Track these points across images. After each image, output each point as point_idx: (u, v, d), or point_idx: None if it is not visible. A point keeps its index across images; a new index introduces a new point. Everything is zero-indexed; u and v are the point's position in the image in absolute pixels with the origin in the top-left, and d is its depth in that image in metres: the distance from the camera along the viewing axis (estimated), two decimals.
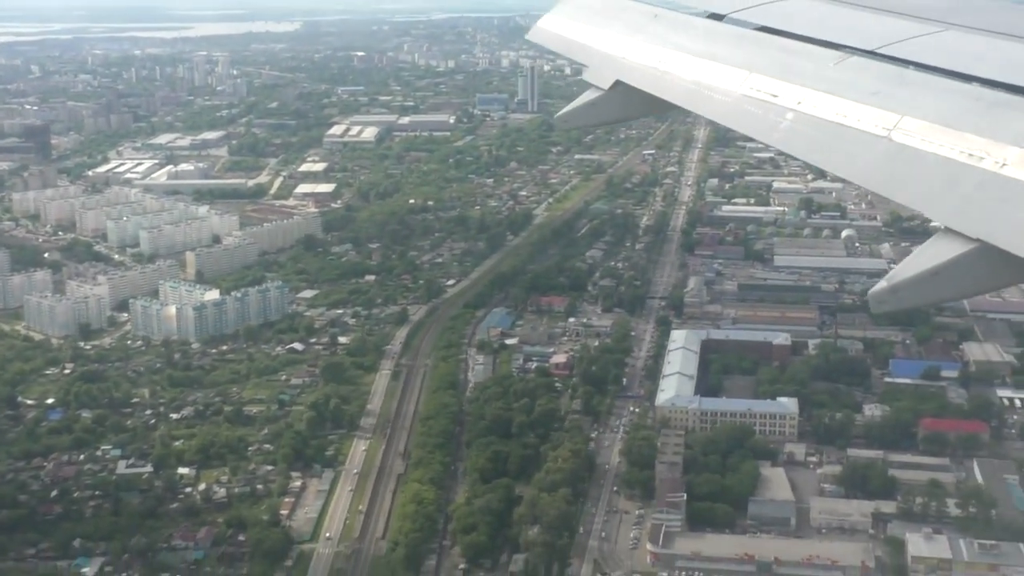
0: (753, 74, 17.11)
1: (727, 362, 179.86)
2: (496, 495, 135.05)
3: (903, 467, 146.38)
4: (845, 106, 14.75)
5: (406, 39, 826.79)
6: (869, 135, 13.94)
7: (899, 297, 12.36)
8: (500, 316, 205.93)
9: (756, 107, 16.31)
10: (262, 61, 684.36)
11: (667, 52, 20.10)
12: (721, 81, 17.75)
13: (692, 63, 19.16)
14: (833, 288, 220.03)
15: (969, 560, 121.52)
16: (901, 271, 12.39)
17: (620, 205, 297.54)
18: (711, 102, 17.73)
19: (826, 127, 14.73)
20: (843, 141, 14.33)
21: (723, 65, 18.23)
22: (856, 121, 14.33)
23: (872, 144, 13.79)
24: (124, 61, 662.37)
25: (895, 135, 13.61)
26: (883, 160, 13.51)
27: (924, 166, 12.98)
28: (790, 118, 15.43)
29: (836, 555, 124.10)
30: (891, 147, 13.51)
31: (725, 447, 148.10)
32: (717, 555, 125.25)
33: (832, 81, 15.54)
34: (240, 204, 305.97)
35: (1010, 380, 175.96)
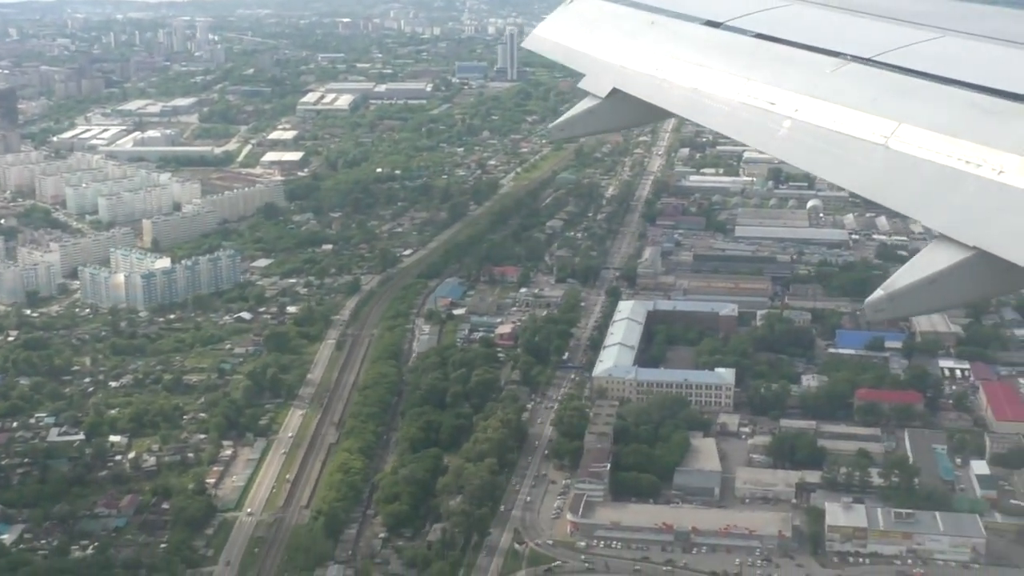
0: (750, 82, 17.08)
1: (672, 333, 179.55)
2: (422, 465, 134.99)
3: (834, 437, 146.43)
4: (842, 114, 14.73)
5: (394, 5, 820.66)
6: (866, 143, 13.88)
7: (896, 305, 12.35)
8: (451, 286, 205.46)
9: (753, 115, 16.28)
10: (245, 27, 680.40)
11: (664, 60, 20.03)
12: (718, 89, 17.77)
13: (689, 71, 19.13)
14: (789, 259, 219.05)
15: (884, 529, 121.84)
16: (898, 279, 12.36)
17: (587, 175, 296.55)
18: (708, 110, 17.78)
19: (823, 135, 14.70)
20: (840, 149, 14.29)
21: (720, 73, 18.26)
22: (853, 129, 14.30)
23: (869, 152, 13.74)
24: (104, 26, 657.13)
25: (892, 143, 13.55)
26: (880, 168, 13.48)
27: (921, 174, 12.93)
28: (787, 126, 15.40)
29: (754, 525, 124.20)
30: (888, 155, 13.46)
31: (658, 417, 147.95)
32: (636, 525, 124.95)
33: (829, 89, 15.52)
34: (206, 172, 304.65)
35: (954, 351, 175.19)
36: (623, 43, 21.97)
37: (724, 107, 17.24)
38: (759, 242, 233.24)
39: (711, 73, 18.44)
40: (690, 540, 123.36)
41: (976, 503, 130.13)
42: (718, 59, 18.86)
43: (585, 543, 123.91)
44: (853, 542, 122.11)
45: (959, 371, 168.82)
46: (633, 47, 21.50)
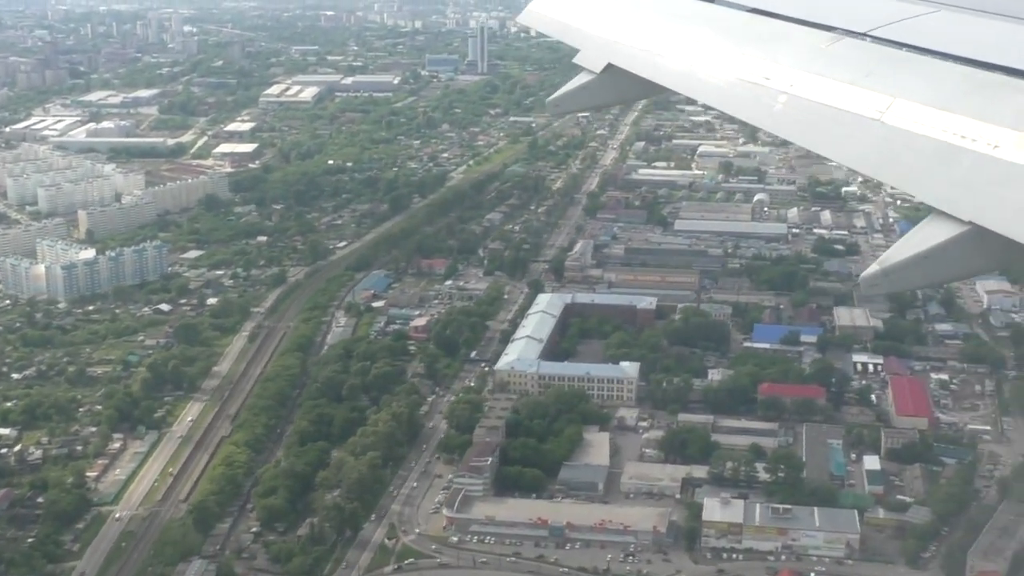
0: (745, 57, 16.89)
1: (587, 326, 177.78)
2: (304, 458, 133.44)
3: (730, 432, 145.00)
4: (837, 88, 14.49)
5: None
6: (861, 118, 13.66)
7: (891, 280, 12.26)
8: (377, 278, 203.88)
9: (748, 90, 16.04)
10: (227, 19, 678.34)
11: (659, 35, 19.85)
12: (713, 64, 17.51)
13: (684, 46, 18.93)
14: (722, 253, 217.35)
15: (760, 525, 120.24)
16: (892, 254, 12.23)
17: (538, 168, 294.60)
18: (703, 85, 17.54)
19: (818, 110, 14.48)
20: (835, 124, 14.12)
21: (715, 48, 18.05)
22: (848, 104, 14.06)
23: (864, 127, 13.53)
24: (84, 17, 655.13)
25: (887, 117, 13.34)
26: (875, 143, 13.29)
27: (916, 148, 12.75)
28: (782, 101, 15.15)
29: (630, 520, 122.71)
30: (883, 130, 13.26)
31: (554, 411, 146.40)
32: (512, 520, 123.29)
33: (824, 63, 15.29)
34: (156, 163, 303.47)
35: (870, 345, 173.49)
36: (618, 18, 21.81)
37: (718, 82, 16.99)
38: (697, 236, 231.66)
39: (705, 48, 18.28)
40: (565, 535, 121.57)
41: (861, 498, 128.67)
42: (712, 34, 18.67)
43: (458, 538, 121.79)
44: (728, 538, 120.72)
45: (872, 365, 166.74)
46: (628, 22, 21.33)
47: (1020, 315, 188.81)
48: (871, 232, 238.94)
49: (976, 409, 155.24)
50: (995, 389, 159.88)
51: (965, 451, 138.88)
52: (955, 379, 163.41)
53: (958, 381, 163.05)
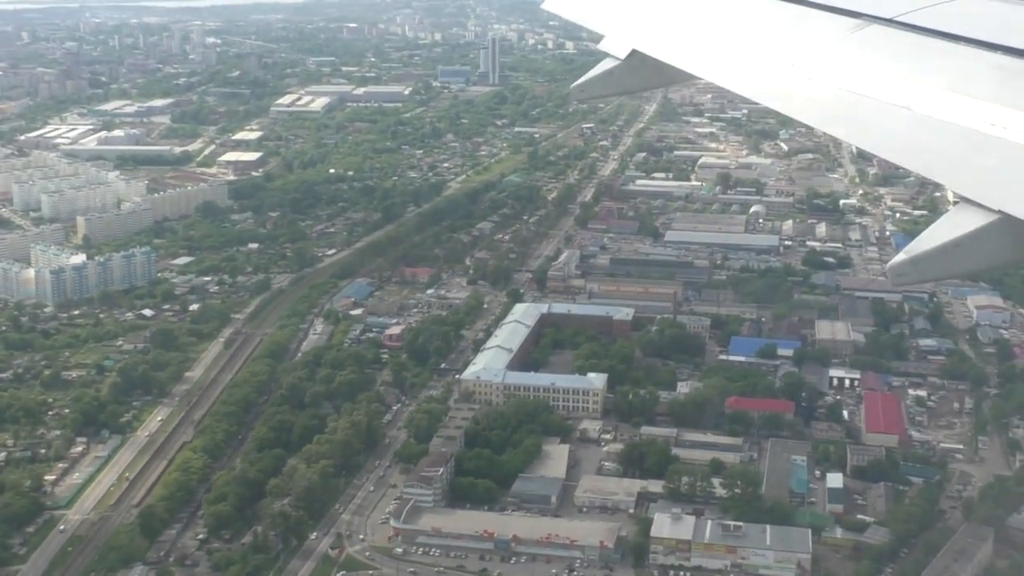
0: (770, 43, 16.84)
1: (562, 337, 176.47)
2: (258, 465, 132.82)
3: (693, 446, 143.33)
4: (864, 75, 14.36)
5: (405, 11, 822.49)
6: (888, 105, 13.50)
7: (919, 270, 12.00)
8: (359, 287, 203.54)
9: (773, 77, 15.89)
10: (251, 31, 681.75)
11: (684, 21, 19.97)
12: (738, 50, 17.47)
13: (709, 32, 18.88)
14: (708, 264, 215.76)
15: (709, 542, 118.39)
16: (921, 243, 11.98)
17: (536, 178, 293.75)
18: (728, 72, 17.32)
19: (844, 97, 14.29)
20: (861, 111, 13.95)
21: (741, 34, 17.97)
22: (875, 90, 13.90)
23: (891, 114, 13.37)
24: (115, 29, 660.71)
25: (915, 105, 13.18)
26: (903, 130, 13.16)
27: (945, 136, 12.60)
28: (807, 88, 15.00)
29: (577, 535, 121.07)
30: (911, 117, 13.10)
31: (515, 422, 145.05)
32: (459, 532, 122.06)
33: (851, 49, 15.21)
34: (162, 170, 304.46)
35: (849, 360, 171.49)
36: (643, 4, 21.99)
37: (743, 69, 16.83)
38: (687, 247, 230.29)
39: (731, 34, 18.19)
40: (511, 549, 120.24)
41: (818, 517, 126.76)
42: (738, 20, 18.57)
43: (403, 550, 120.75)
44: (677, 554, 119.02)
45: (848, 381, 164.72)
46: (653, 7, 21.47)
47: (1009, 331, 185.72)
48: (866, 245, 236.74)
49: (952, 427, 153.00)
50: (974, 407, 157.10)
51: (932, 470, 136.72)
52: (933, 396, 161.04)
53: (936, 398, 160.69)
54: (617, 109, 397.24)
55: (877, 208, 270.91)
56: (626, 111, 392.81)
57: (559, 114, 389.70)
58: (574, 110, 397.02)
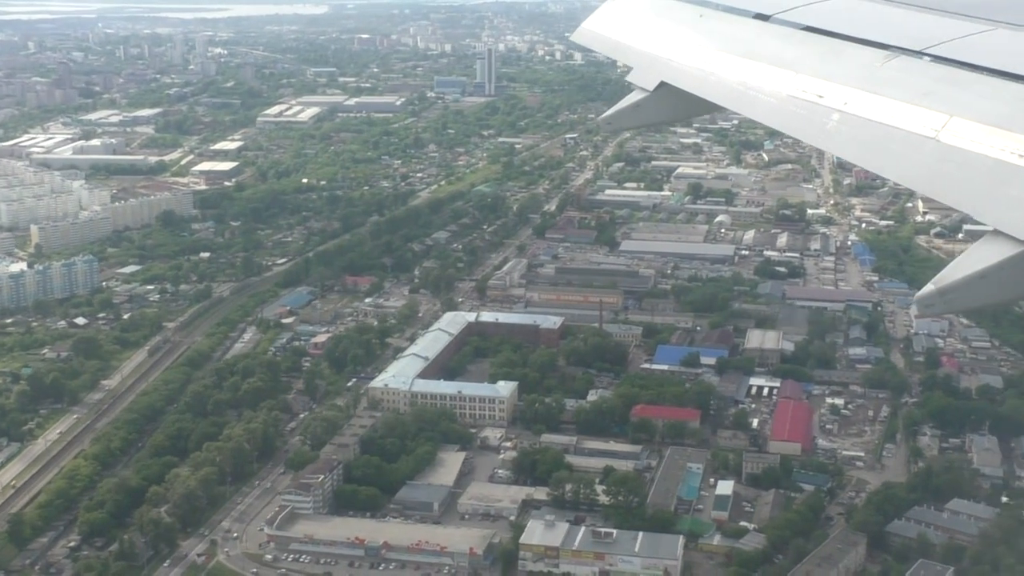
0: (799, 75, 16.97)
1: (486, 345, 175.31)
2: (143, 472, 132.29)
3: (591, 454, 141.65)
4: (892, 107, 14.53)
5: (422, 22, 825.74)
6: (917, 136, 13.68)
7: (947, 300, 12.11)
8: (299, 295, 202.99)
9: (802, 108, 16.13)
10: (262, 42, 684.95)
11: (712, 53, 20.10)
12: (767, 82, 17.59)
13: (737, 64, 19.02)
14: (653, 273, 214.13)
15: (577, 548, 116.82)
16: (948, 274, 12.08)
17: (507, 188, 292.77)
18: (756, 103, 17.58)
19: (873, 128, 14.51)
20: (890, 142, 14.09)
21: (769, 66, 18.09)
22: (903, 122, 14.07)
23: (920, 145, 13.54)
24: (124, 40, 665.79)
25: (943, 136, 13.33)
26: (931, 161, 13.25)
27: (973, 167, 12.70)
28: (836, 119, 15.23)
29: (448, 541, 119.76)
30: (939, 148, 13.24)
31: (414, 430, 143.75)
32: (331, 539, 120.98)
33: (879, 81, 15.32)
34: (134, 180, 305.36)
35: (773, 368, 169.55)
36: (671, 37, 22.01)
37: (772, 100, 17.00)
38: (641, 257, 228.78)
39: (760, 66, 18.29)
40: (381, 555, 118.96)
41: (699, 524, 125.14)
42: (767, 52, 18.64)
43: (273, 556, 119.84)
44: (546, 561, 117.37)
45: (767, 389, 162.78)
46: (681, 41, 21.51)
47: (946, 340, 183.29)
48: (823, 255, 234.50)
49: (862, 435, 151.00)
50: (889, 415, 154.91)
51: (824, 478, 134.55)
52: (850, 404, 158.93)
53: (853, 406, 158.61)
54: None
55: (845, 218, 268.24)
56: None
57: (547, 124, 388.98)
58: (563, 120, 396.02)
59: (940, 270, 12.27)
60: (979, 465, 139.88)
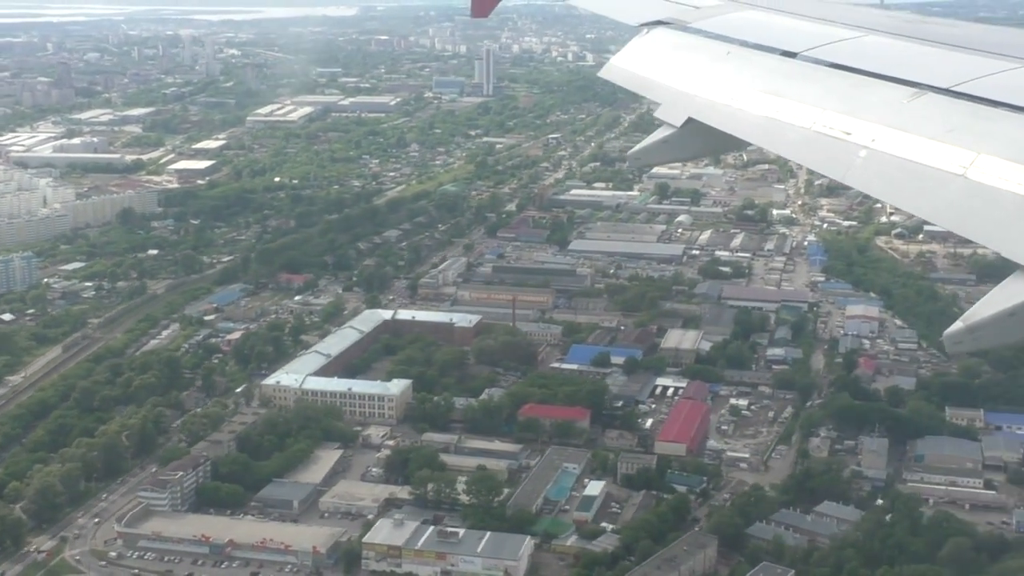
0: (826, 111, 17.10)
1: (397, 343, 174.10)
2: (9, 468, 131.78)
3: (471, 453, 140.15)
4: (920, 143, 14.61)
5: (445, 24, 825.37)
6: (944, 173, 13.73)
7: (976, 338, 12.11)
8: (231, 292, 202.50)
9: (829, 144, 16.26)
10: (280, 43, 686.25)
11: (740, 90, 20.23)
12: (794, 118, 17.74)
13: (765, 100, 19.16)
14: (591, 272, 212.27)
15: (420, 548, 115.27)
16: (978, 311, 12.09)
17: (476, 187, 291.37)
18: (784, 139, 17.75)
19: (900, 165, 14.58)
20: (917, 179, 14.14)
21: (796, 102, 18.26)
22: (931, 159, 14.13)
23: (947, 182, 13.58)
24: (142, 41, 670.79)
25: (971, 173, 13.38)
26: (959, 198, 13.29)
27: (1001, 205, 12.75)
28: (863, 156, 15.30)
29: (292, 539, 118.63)
30: (967, 185, 13.28)
31: (296, 427, 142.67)
32: (179, 536, 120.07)
33: (906, 118, 15.45)
34: (109, 178, 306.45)
35: (685, 368, 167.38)
36: (699, 73, 22.17)
37: (800, 136, 17.11)
38: (589, 256, 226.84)
39: (787, 103, 18.41)
40: (225, 553, 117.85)
41: (557, 524, 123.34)
42: (794, 89, 18.81)
43: (118, 554, 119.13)
44: (388, 560, 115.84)
45: (673, 389, 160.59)
46: (709, 77, 21.64)
47: (874, 341, 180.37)
48: (776, 255, 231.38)
49: (756, 436, 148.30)
50: (791, 417, 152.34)
51: (697, 479, 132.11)
52: (754, 405, 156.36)
53: (757, 407, 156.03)
54: (594, 121, 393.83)
55: (809, 218, 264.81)
56: (601, 122, 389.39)
57: (535, 124, 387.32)
58: (553, 120, 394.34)
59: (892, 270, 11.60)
60: (865, 467, 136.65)
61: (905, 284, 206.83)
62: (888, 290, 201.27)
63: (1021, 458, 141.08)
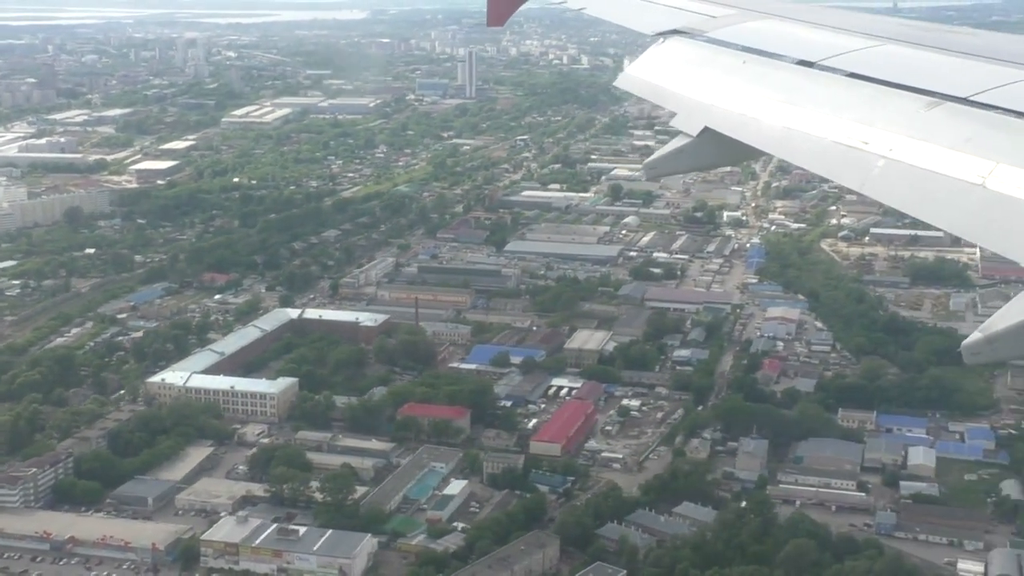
0: (843, 121, 17.08)
1: (299, 342, 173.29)
2: None
3: (343, 452, 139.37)
4: (938, 153, 14.56)
5: (452, 27, 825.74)
6: (963, 183, 13.65)
7: (994, 348, 12.02)
8: (152, 291, 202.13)
9: (846, 154, 16.18)
10: (281, 46, 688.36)
11: (756, 99, 20.26)
12: (811, 128, 17.73)
13: (782, 110, 19.18)
14: (514, 273, 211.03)
15: (257, 546, 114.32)
16: (996, 322, 12.02)
17: (431, 188, 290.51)
18: (800, 149, 17.74)
19: (918, 174, 14.52)
20: (936, 189, 14.05)
21: (813, 112, 18.27)
22: (949, 168, 14.05)
23: (966, 192, 13.52)
24: (142, 44, 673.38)
25: (990, 183, 13.33)
26: (977, 208, 13.26)
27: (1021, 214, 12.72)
28: (881, 165, 15.27)
29: (133, 536, 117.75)
30: (986, 195, 13.23)
31: (170, 424, 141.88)
32: (21, 532, 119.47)
33: (924, 128, 15.37)
34: (70, 178, 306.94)
35: (585, 369, 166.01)
36: (715, 83, 22.14)
37: (816, 146, 17.10)
38: (523, 257, 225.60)
39: (803, 112, 18.43)
40: (66, 550, 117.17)
41: (408, 523, 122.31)
42: (810, 98, 18.80)
43: None
44: (227, 558, 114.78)
45: (567, 389, 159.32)
46: (725, 87, 21.65)
47: (788, 342, 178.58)
48: (714, 257, 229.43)
49: (639, 437, 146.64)
50: (681, 418, 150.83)
51: (561, 479, 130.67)
52: (645, 406, 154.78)
53: (648, 408, 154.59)
54: (568, 123, 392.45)
55: (759, 221, 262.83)
56: (574, 124, 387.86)
57: (509, 126, 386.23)
58: (527, 122, 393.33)
59: (827, 272, 10.84)
60: (738, 469, 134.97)
61: (837, 287, 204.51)
62: (816, 293, 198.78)
63: (901, 460, 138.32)
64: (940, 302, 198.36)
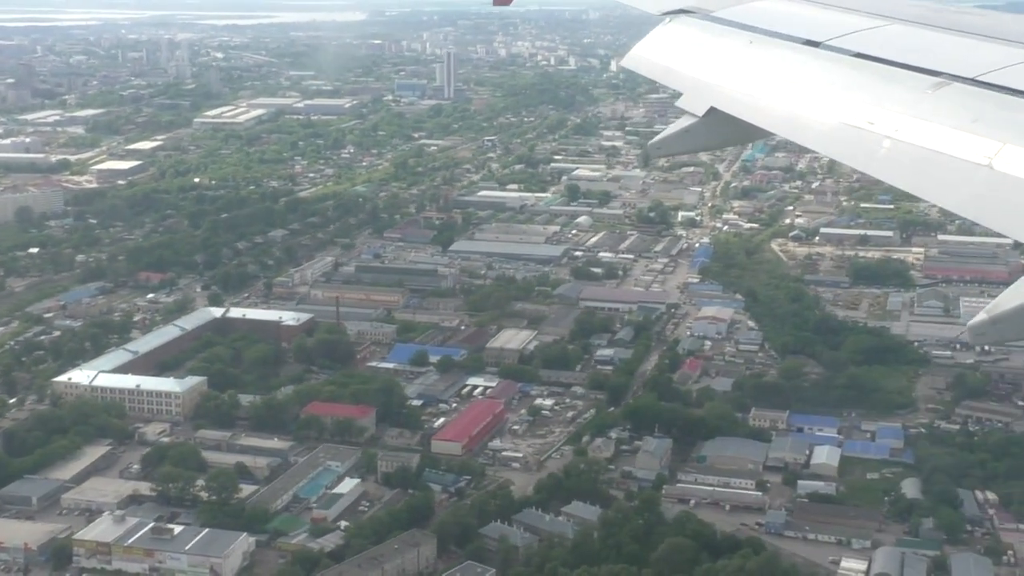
0: (850, 101, 17.04)
1: (219, 341, 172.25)
2: None
3: (241, 451, 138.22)
4: (944, 133, 14.50)
5: (447, 28, 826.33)
6: (969, 163, 13.60)
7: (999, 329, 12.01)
8: (85, 290, 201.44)
9: (852, 134, 16.16)
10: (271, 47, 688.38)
11: (762, 79, 20.21)
12: (817, 108, 17.69)
13: (788, 90, 19.18)
14: (450, 273, 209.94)
15: (131, 544, 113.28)
16: (1001, 303, 11.98)
17: (388, 188, 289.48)
18: (806, 130, 17.79)
19: (924, 155, 14.47)
20: (942, 169, 14.03)
21: (819, 92, 18.23)
22: (956, 149, 13.99)
23: (972, 173, 13.46)
24: (131, 44, 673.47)
25: (996, 163, 13.26)
26: (984, 189, 13.21)
27: None
28: (887, 146, 15.21)
29: (11, 536, 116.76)
30: (992, 176, 13.18)
31: (68, 423, 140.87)
32: None
33: (931, 108, 15.31)
34: (30, 178, 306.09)
35: (504, 368, 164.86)
36: (721, 63, 22.04)
37: (822, 126, 17.13)
38: (467, 256, 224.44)
39: (810, 92, 18.41)
40: None
41: (289, 522, 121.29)
42: (817, 78, 18.72)
43: None
44: (99, 557, 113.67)
45: (482, 388, 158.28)
46: (731, 67, 21.55)
47: (715, 342, 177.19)
48: (659, 258, 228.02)
49: (546, 437, 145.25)
50: (591, 418, 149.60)
51: (452, 478, 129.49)
52: (558, 406, 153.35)
53: (560, 407, 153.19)
54: (540, 123, 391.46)
55: (713, 221, 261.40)
56: (545, 125, 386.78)
57: (480, 127, 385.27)
58: (500, 123, 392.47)
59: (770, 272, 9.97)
60: (637, 468, 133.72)
61: (777, 286, 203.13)
62: (755, 292, 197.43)
63: (805, 460, 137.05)
64: (878, 302, 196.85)
